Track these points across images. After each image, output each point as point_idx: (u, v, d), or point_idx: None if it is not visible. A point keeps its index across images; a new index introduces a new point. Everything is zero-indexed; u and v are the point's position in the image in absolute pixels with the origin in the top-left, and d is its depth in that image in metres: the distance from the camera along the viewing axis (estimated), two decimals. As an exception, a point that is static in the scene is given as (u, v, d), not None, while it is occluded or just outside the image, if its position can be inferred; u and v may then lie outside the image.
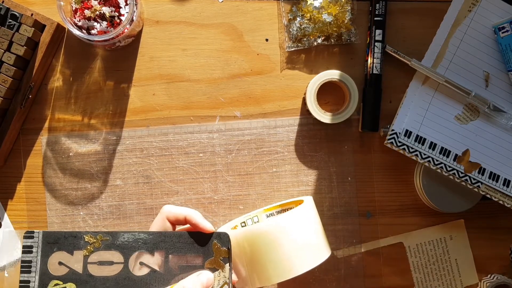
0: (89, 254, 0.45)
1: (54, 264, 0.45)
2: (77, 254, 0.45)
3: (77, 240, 0.45)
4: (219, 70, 0.64)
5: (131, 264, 0.46)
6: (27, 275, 0.45)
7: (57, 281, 0.45)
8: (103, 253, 0.46)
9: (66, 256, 0.45)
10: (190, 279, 0.45)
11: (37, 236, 0.45)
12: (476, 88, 0.62)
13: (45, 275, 0.45)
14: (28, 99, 0.61)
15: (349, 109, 0.63)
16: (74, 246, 0.45)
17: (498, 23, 0.61)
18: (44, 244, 0.45)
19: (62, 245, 0.45)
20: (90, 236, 0.45)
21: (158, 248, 0.46)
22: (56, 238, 0.45)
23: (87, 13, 0.59)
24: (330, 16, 0.62)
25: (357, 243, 0.65)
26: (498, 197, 0.62)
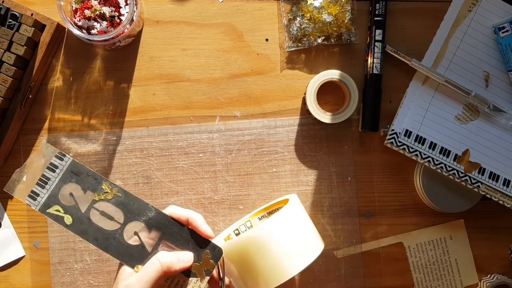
0: (98, 200, 0.47)
1: (65, 193, 0.47)
2: (88, 194, 0.47)
3: (95, 182, 0.47)
4: (219, 70, 0.64)
5: (127, 229, 0.47)
6: (40, 188, 0.47)
7: (59, 208, 0.47)
8: (110, 206, 0.47)
9: (78, 191, 0.47)
10: (163, 252, 0.47)
11: (66, 161, 0.47)
12: (476, 88, 0.62)
13: (54, 197, 0.47)
14: (28, 99, 0.61)
15: (349, 109, 0.63)
16: (89, 186, 0.47)
17: (498, 23, 0.62)
18: (67, 171, 0.47)
19: (80, 180, 0.47)
20: (107, 185, 0.47)
21: (157, 229, 0.48)
22: (79, 171, 0.47)
23: (87, 13, 0.59)
24: (330, 16, 0.62)
25: (357, 243, 0.65)
26: (498, 197, 0.62)
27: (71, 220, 0.47)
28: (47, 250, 0.63)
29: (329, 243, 0.64)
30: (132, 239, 0.47)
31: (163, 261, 0.46)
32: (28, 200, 0.46)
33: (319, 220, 0.64)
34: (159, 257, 0.46)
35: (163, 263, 0.46)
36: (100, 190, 0.47)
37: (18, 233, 0.63)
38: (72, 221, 0.47)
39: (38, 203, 0.46)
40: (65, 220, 0.47)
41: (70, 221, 0.47)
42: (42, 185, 0.47)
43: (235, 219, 0.64)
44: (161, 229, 0.48)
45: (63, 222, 0.47)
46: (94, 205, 0.47)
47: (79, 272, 0.63)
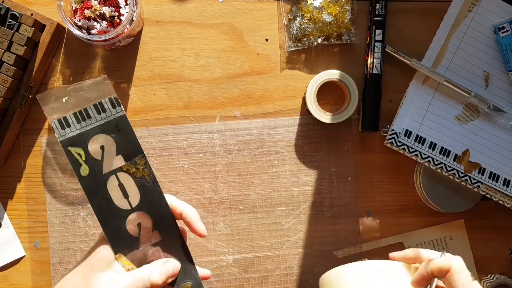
0: (124, 171, 0.42)
1: (97, 142, 0.42)
2: (119, 159, 0.42)
3: (132, 152, 0.42)
4: (219, 70, 0.64)
5: (133, 216, 0.43)
6: (74, 120, 0.41)
7: (82, 153, 0.42)
8: (132, 184, 0.43)
9: (111, 149, 0.42)
10: (156, 266, 0.44)
11: (117, 111, 0.42)
12: (476, 88, 0.62)
13: (84, 139, 0.41)
14: (28, 99, 0.61)
15: (349, 109, 0.63)
16: (125, 152, 0.42)
17: (498, 23, 0.62)
18: (112, 122, 0.42)
19: (120, 140, 0.42)
20: (142, 162, 0.43)
21: (160, 233, 0.44)
22: (124, 131, 0.42)
23: (87, 13, 0.59)
24: (330, 16, 0.62)
25: (357, 243, 0.65)
26: (498, 197, 0.62)
27: (87, 173, 0.41)
28: (47, 250, 0.63)
29: (329, 243, 0.64)
30: (131, 227, 0.44)
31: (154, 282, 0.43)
32: (55, 124, 0.41)
33: (319, 220, 0.64)
34: (151, 278, 0.43)
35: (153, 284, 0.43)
36: (133, 162, 0.42)
37: (18, 233, 0.63)
38: (87, 174, 0.41)
39: (65, 134, 0.41)
40: (81, 169, 0.41)
41: (85, 173, 0.41)
42: (79, 118, 0.41)
43: (235, 219, 0.64)
44: (163, 236, 0.44)
45: (78, 170, 0.42)
46: (118, 173, 0.42)
47: (79, 272, 0.63)
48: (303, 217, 0.64)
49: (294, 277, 0.64)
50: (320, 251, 0.64)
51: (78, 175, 0.42)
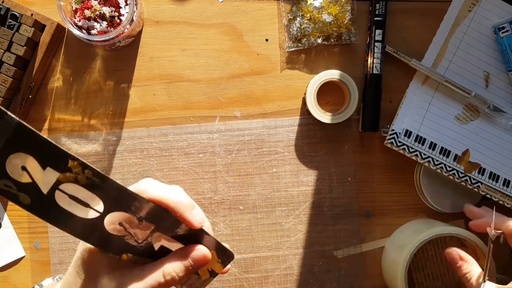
0: (64, 182, 0.35)
1: (15, 164, 0.34)
2: (50, 172, 0.34)
3: (58, 158, 0.34)
4: (219, 70, 0.64)
5: (108, 218, 0.37)
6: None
7: (9, 183, 0.34)
8: (83, 190, 0.35)
9: (34, 166, 0.34)
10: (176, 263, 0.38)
11: (8, 122, 0.32)
12: (476, 88, 0.62)
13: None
14: (28, 99, 0.61)
15: (349, 109, 0.63)
16: (50, 162, 0.34)
17: (498, 23, 0.62)
18: (14, 135, 0.32)
19: (35, 152, 0.33)
20: (76, 165, 0.34)
21: (149, 221, 0.38)
22: (32, 140, 0.33)
23: (87, 13, 0.59)
24: (330, 16, 0.62)
25: (357, 243, 0.65)
26: (498, 197, 0.62)
27: (29, 201, 0.34)
28: (47, 250, 0.63)
29: (329, 243, 0.64)
30: (117, 230, 0.38)
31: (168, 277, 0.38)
32: None
33: (319, 221, 0.64)
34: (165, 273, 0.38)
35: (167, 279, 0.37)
36: (66, 169, 0.34)
37: (18, 233, 0.63)
38: (30, 201, 0.34)
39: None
40: (20, 198, 0.34)
41: (28, 201, 0.34)
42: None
43: (235, 220, 0.64)
44: (155, 221, 0.38)
45: (19, 201, 0.34)
46: (60, 187, 0.35)
47: (79, 272, 0.63)
48: (303, 217, 0.64)
49: (294, 277, 0.64)
50: (320, 251, 0.64)
51: (23, 206, 0.34)
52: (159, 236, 0.39)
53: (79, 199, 0.36)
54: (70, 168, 0.34)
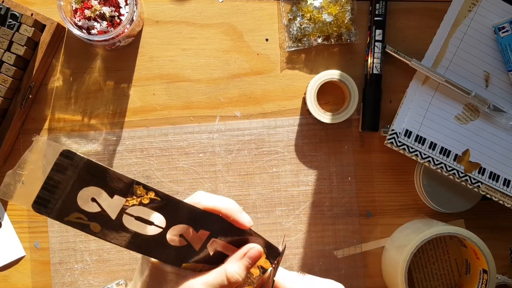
0: (130, 206, 0.39)
1: (85, 197, 0.37)
2: (117, 199, 0.38)
3: (124, 186, 0.38)
4: (219, 70, 0.64)
5: (170, 232, 0.40)
6: (48, 194, 0.37)
7: (81, 215, 0.38)
8: (147, 211, 0.39)
9: (103, 196, 0.38)
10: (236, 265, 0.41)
11: (78, 161, 0.37)
12: (476, 88, 0.62)
13: (71, 203, 0.37)
14: (28, 99, 0.61)
15: (349, 109, 0.63)
16: (117, 190, 0.38)
17: (498, 23, 0.62)
18: (83, 173, 0.37)
19: (104, 184, 0.38)
20: (140, 189, 0.39)
21: (206, 228, 0.41)
22: (101, 174, 0.37)
23: (87, 13, 0.59)
24: (330, 16, 0.62)
25: (357, 243, 0.65)
26: (498, 197, 0.62)
27: (100, 228, 0.38)
28: (47, 250, 0.63)
29: (329, 243, 0.64)
30: (176, 241, 0.41)
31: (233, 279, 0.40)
32: (36, 207, 0.37)
33: (319, 220, 0.64)
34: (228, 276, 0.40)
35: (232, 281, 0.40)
36: (132, 193, 0.39)
37: (18, 233, 0.63)
38: (101, 229, 0.38)
39: (51, 211, 0.37)
40: (91, 228, 0.38)
41: (98, 229, 0.38)
42: (51, 189, 0.37)
43: (235, 219, 0.64)
44: (210, 228, 0.41)
45: (90, 230, 0.38)
46: (127, 211, 0.39)
47: (79, 272, 0.63)
48: (303, 217, 0.64)
49: (294, 277, 0.64)
50: (320, 251, 0.64)
51: (93, 234, 0.38)
52: (214, 242, 0.42)
53: (144, 218, 0.40)
54: (134, 192, 0.39)
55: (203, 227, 0.41)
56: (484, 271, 0.58)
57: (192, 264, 0.42)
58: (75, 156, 0.37)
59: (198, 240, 0.42)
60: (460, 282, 0.65)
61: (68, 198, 0.37)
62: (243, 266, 0.41)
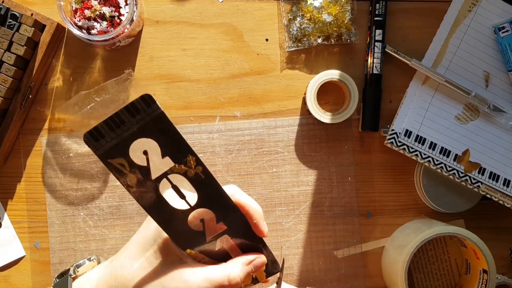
0: (175, 172, 0.38)
1: (138, 147, 0.36)
2: (166, 160, 0.37)
3: (179, 151, 0.37)
4: (219, 70, 0.64)
5: (194, 212, 0.40)
6: (107, 129, 0.35)
7: (125, 163, 0.36)
8: (186, 183, 0.38)
9: (155, 153, 0.36)
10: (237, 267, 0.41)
11: (152, 110, 0.35)
12: (476, 88, 0.62)
13: (123, 147, 0.36)
14: (28, 99, 0.61)
15: (349, 109, 0.63)
16: (171, 153, 0.37)
17: (498, 23, 0.62)
18: (151, 123, 0.36)
19: (163, 141, 0.36)
20: (193, 160, 0.38)
21: (225, 222, 0.41)
22: (166, 130, 0.36)
23: (87, 13, 0.59)
24: (330, 16, 0.62)
25: (357, 243, 0.65)
26: (498, 197, 0.62)
27: (135, 182, 0.37)
28: (47, 250, 0.63)
29: (329, 243, 0.64)
30: (195, 224, 0.40)
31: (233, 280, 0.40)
32: (87, 138, 0.35)
33: (319, 220, 0.64)
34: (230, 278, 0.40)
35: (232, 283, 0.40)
36: (183, 162, 0.37)
37: (18, 233, 0.63)
38: (136, 183, 0.37)
39: (101, 147, 0.35)
40: (127, 179, 0.37)
41: (133, 183, 0.37)
42: (112, 126, 0.35)
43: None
44: (229, 224, 0.41)
45: (125, 181, 0.37)
46: (169, 176, 0.37)
47: (79, 272, 0.63)
48: (303, 217, 0.64)
49: (294, 277, 0.64)
50: (320, 251, 0.64)
51: (126, 186, 0.37)
52: (225, 239, 0.42)
53: (179, 190, 0.38)
54: (186, 161, 0.37)
55: (224, 221, 0.41)
56: (484, 271, 0.58)
57: (195, 253, 0.41)
58: (153, 105, 0.35)
59: (213, 231, 0.41)
60: (460, 282, 0.65)
61: (122, 141, 0.36)
62: (245, 272, 0.41)
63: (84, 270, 0.44)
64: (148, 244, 0.41)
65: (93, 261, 0.45)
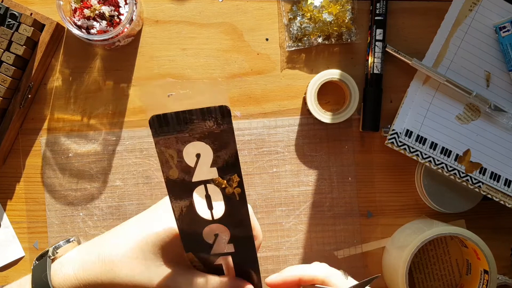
0: (214, 184, 0.38)
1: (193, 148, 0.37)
2: (211, 171, 0.38)
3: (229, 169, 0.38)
4: (219, 69, 0.64)
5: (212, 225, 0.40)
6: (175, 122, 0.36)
7: (175, 155, 0.37)
8: (220, 199, 0.39)
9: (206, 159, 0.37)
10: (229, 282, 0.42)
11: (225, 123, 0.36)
12: (477, 88, 0.62)
13: (180, 142, 0.37)
14: (27, 99, 0.61)
15: (350, 108, 0.62)
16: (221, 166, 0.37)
17: (499, 22, 0.61)
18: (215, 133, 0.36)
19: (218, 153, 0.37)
20: (236, 180, 0.38)
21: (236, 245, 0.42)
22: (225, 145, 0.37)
23: (86, 13, 0.59)
24: (331, 15, 0.62)
25: (358, 243, 0.64)
26: (499, 197, 0.62)
27: (176, 177, 0.38)
28: (46, 250, 0.63)
29: (329, 243, 0.64)
30: (208, 235, 0.41)
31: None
32: (152, 121, 0.36)
33: (320, 221, 0.64)
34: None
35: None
36: (226, 178, 0.38)
37: (17, 233, 0.63)
38: (175, 178, 0.38)
39: (161, 134, 0.36)
40: (170, 171, 0.37)
41: (174, 176, 0.38)
42: (181, 120, 0.36)
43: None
44: (237, 249, 0.42)
45: (167, 172, 0.37)
46: (207, 184, 0.38)
47: (78, 273, 0.63)
48: (303, 217, 0.64)
49: (294, 277, 0.63)
50: (320, 252, 0.64)
51: (166, 177, 0.38)
52: (227, 258, 0.42)
53: (210, 200, 0.39)
54: (230, 178, 0.38)
55: (236, 245, 0.41)
56: (485, 271, 0.58)
57: (195, 258, 0.42)
58: (227, 118, 0.36)
59: (221, 248, 0.42)
60: (461, 283, 0.64)
61: (183, 137, 0.36)
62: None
63: (63, 252, 0.43)
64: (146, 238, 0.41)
65: (73, 242, 0.45)
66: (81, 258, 0.41)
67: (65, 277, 0.39)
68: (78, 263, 0.40)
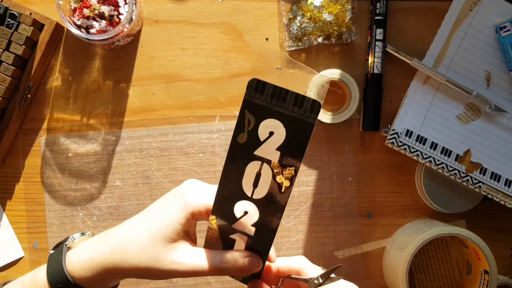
0: (270, 166, 0.39)
1: (271, 125, 0.39)
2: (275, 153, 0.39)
3: (291, 159, 0.39)
4: (219, 69, 0.64)
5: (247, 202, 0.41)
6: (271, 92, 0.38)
7: (253, 123, 0.39)
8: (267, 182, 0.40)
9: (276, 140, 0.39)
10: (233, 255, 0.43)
11: (310, 117, 0.37)
12: (478, 88, 0.62)
13: (264, 113, 0.38)
14: (27, 99, 0.61)
15: (350, 109, 0.62)
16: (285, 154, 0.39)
17: (500, 22, 0.61)
18: (297, 121, 0.38)
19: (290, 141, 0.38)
20: (291, 173, 0.40)
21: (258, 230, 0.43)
22: (300, 136, 0.38)
23: (86, 12, 0.59)
24: (331, 15, 0.62)
25: (358, 243, 0.64)
26: (499, 197, 0.62)
27: (242, 142, 0.39)
28: (46, 250, 0.63)
29: (329, 243, 0.64)
30: (238, 209, 0.42)
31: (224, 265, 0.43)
32: (252, 82, 0.39)
33: (320, 221, 0.64)
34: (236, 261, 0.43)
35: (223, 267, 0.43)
36: (284, 166, 0.39)
37: (17, 233, 0.63)
38: (241, 143, 0.39)
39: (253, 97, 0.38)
40: (240, 135, 0.39)
41: (241, 141, 0.39)
42: (275, 95, 0.38)
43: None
44: (257, 234, 0.43)
45: (237, 134, 0.39)
46: (264, 163, 0.39)
47: (78, 273, 0.63)
48: (303, 217, 0.64)
49: (294, 277, 0.63)
50: (320, 252, 0.64)
51: (234, 138, 0.39)
52: (242, 237, 0.44)
53: (259, 179, 0.40)
54: (286, 168, 0.39)
55: (257, 229, 0.42)
56: (486, 271, 0.58)
57: (214, 223, 0.44)
58: (314, 114, 0.37)
59: (243, 226, 0.43)
60: (461, 283, 0.64)
61: (269, 110, 0.38)
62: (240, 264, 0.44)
63: (78, 242, 0.45)
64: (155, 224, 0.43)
65: (88, 235, 0.48)
66: (93, 244, 0.43)
67: (80, 261, 0.42)
68: (91, 250, 0.43)
